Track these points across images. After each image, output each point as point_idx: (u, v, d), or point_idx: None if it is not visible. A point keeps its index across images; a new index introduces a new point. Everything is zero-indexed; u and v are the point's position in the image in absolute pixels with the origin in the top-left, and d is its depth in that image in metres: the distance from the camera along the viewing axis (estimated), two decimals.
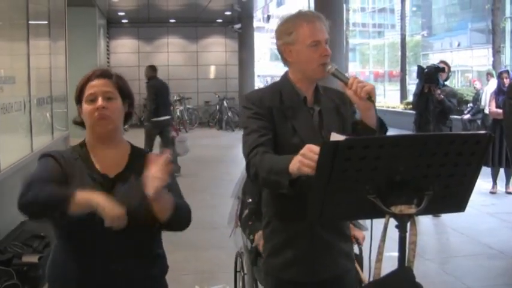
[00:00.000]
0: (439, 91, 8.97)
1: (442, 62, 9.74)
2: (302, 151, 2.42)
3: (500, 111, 9.08)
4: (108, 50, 24.12)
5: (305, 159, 2.38)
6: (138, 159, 2.74)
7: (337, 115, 2.99)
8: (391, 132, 2.81)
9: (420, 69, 9.41)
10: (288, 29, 2.96)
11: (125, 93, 2.75)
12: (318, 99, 3.01)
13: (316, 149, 2.32)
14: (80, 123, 2.76)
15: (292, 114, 2.93)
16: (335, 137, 2.59)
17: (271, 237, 3.04)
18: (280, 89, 3.02)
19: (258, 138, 2.82)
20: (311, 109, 2.98)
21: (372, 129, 2.78)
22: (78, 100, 2.71)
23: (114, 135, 2.73)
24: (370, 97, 2.70)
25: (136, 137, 2.78)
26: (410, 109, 17.07)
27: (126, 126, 2.97)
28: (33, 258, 5.70)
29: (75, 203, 2.38)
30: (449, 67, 9.64)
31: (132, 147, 2.83)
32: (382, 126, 2.83)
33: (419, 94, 9.29)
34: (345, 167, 2.12)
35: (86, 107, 2.66)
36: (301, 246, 2.93)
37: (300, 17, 2.96)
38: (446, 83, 9.56)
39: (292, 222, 2.79)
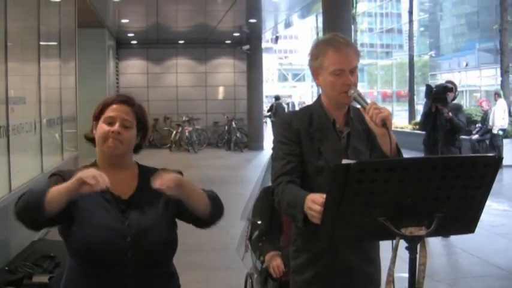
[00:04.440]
0: (447, 109, 8.96)
1: (449, 82, 9.76)
2: (308, 204, 2.53)
3: None
4: (117, 70, 24.22)
5: (311, 211, 2.49)
6: (147, 178, 2.76)
7: (367, 138, 3.00)
8: None
9: (429, 89, 9.41)
10: (316, 53, 3.01)
11: (142, 124, 2.81)
12: (348, 122, 3.04)
13: (319, 199, 2.41)
14: (91, 140, 2.79)
15: (319, 136, 2.98)
16: (346, 162, 2.62)
17: (295, 255, 3.10)
18: (312, 111, 3.07)
19: (283, 167, 2.91)
20: (340, 132, 3.02)
21: (386, 156, 2.79)
22: (97, 117, 2.75)
23: (121, 159, 2.77)
24: (385, 123, 2.71)
25: (145, 158, 2.79)
26: (418, 129, 17.04)
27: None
28: (44, 279, 5.70)
29: (48, 199, 2.41)
30: (456, 87, 9.65)
31: (139, 167, 2.86)
32: (398, 152, 2.84)
33: (427, 114, 9.29)
34: (356, 189, 2.15)
35: (102, 126, 2.69)
36: (322, 265, 2.98)
37: (329, 42, 2.98)
38: (453, 102, 9.55)
39: (315, 241, 2.78)
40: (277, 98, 24.76)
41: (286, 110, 28.01)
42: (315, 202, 2.47)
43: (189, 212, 2.73)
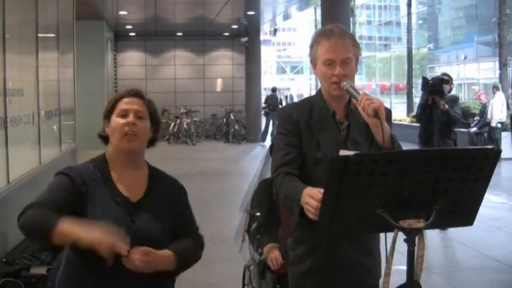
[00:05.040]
0: (443, 102, 8.97)
1: (445, 74, 9.78)
2: (305, 199, 2.53)
3: None
4: (115, 63, 24.17)
5: (308, 206, 2.49)
6: (157, 182, 2.80)
7: (366, 130, 2.92)
8: None
9: (425, 81, 9.42)
10: (313, 43, 3.02)
11: (154, 117, 2.82)
12: (349, 114, 3.02)
13: (317, 195, 2.41)
14: (104, 138, 2.78)
15: (319, 128, 2.97)
16: (344, 153, 2.60)
17: (294, 246, 3.10)
18: (313, 103, 3.07)
19: (283, 157, 2.92)
20: (340, 123, 3.00)
21: (380, 147, 2.78)
22: (108, 114, 2.74)
23: (137, 156, 2.77)
24: (378, 114, 2.70)
25: (146, 150, 2.79)
26: (415, 122, 17.06)
27: None
28: (42, 270, 5.70)
29: (57, 234, 2.38)
30: (452, 79, 9.66)
31: (149, 168, 2.85)
32: (393, 143, 2.82)
33: (424, 106, 9.30)
34: (353, 182, 2.14)
35: (116, 120, 2.68)
36: (320, 257, 2.97)
37: (323, 32, 2.99)
38: (449, 95, 9.56)
39: (314, 233, 2.79)
40: (273, 90, 24.63)
41: (284, 102, 27.84)
42: (312, 197, 2.47)
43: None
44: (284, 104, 26.60)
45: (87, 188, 2.62)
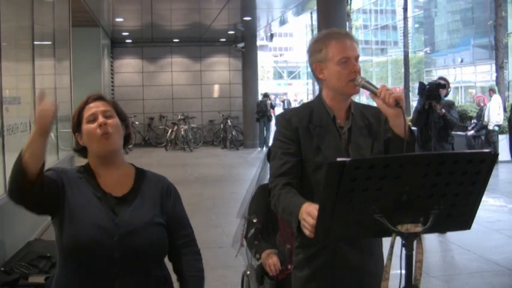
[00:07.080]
0: (439, 106, 9.00)
1: (442, 78, 9.80)
2: (302, 215, 2.54)
3: None
4: (112, 69, 24.17)
5: (305, 223, 2.50)
6: (143, 179, 2.78)
7: (368, 134, 2.99)
8: None
9: (422, 86, 9.44)
10: (318, 47, 3.01)
11: (121, 114, 2.80)
12: (349, 118, 3.03)
13: (314, 213, 2.41)
14: (80, 150, 2.78)
15: (319, 133, 2.97)
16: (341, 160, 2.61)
17: (297, 251, 3.11)
18: (313, 107, 3.07)
19: (281, 167, 2.92)
20: (340, 128, 3.01)
21: (401, 138, 2.79)
22: (77, 126, 2.75)
23: (116, 155, 2.75)
24: (398, 103, 2.73)
25: (140, 157, 2.78)
26: (412, 126, 17.07)
27: (130, 146, 2.99)
28: (40, 279, 5.69)
29: (25, 153, 2.47)
30: (448, 83, 9.69)
31: (136, 169, 2.84)
32: (411, 134, 2.84)
33: (420, 111, 9.32)
34: (351, 187, 2.13)
35: (87, 127, 2.68)
36: (322, 261, 2.98)
37: (329, 35, 3.00)
38: (446, 99, 9.58)
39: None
40: (265, 95, 24.41)
41: (281, 107, 27.68)
42: (309, 215, 2.47)
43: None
44: (276, 109, 26.60)
45: (67, 182, 2.64)
